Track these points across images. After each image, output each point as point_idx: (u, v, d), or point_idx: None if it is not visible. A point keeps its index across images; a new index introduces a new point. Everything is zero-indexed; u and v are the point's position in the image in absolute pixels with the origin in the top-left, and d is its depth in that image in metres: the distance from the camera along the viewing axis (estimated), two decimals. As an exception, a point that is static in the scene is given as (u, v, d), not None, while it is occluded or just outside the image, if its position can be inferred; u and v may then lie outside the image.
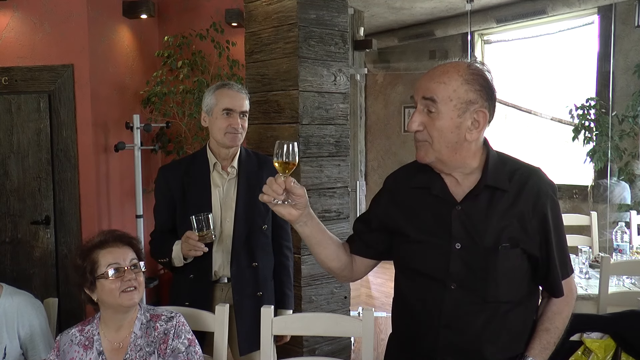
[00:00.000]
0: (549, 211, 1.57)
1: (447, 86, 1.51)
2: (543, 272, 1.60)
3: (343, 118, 3.31)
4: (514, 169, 1.60)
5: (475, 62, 1.57)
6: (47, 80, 4.33)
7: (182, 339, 1.92)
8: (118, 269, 1.87)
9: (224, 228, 2.43)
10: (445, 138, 1.53)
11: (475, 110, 1.52)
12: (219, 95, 2.41)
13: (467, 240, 1.56)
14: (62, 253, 4.32)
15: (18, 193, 4.35)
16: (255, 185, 2.44)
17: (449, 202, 1.59)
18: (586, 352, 2.09)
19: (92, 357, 1.89)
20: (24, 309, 2.21)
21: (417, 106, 1.56)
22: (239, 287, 2.40)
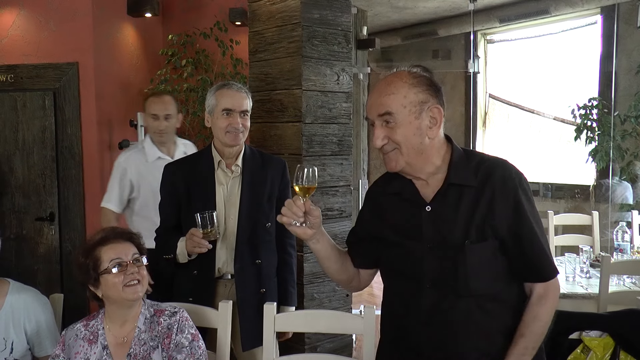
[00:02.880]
0: (517, 193, 1.59)
1: (396, 96, 1.58)
2: (520, 255, 1.59)
3: (346, 117, 3.33)
4: (479, 164, 1.64)
5: (412, 67, 1.63)
6: (52, 78, 4.36)
7: (186, 333, 1.95)
8: (120, 263, 1.90)
9: (228, 225, 2.46)
10: (410, 142, 1.59)
11: (429, 108, 1.59)
12: (219, 95, 2.45)
13: (438, 240, 1.61)
14: (67, 249, 4.35)
15: (23, 190, 4.39)
16: (259, 183, 2.48)
17: (419, 204, 1.65)
18: (585, 350, 2.11)
19: (97, 351, 1.92)
20: (30, 305, 2.24)
21: (375, 123, 1.62)
22: (243, 284, 2.43)
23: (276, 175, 2.56)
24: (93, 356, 1.91)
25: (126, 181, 3.25)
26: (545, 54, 6.96)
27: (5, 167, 4.41)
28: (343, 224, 3.35)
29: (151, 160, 3.24)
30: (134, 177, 3.25)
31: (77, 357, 1.92)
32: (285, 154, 3.22)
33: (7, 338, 2.17)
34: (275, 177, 2.55)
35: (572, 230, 4.85)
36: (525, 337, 1.59)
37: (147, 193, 3.20)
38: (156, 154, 3.26)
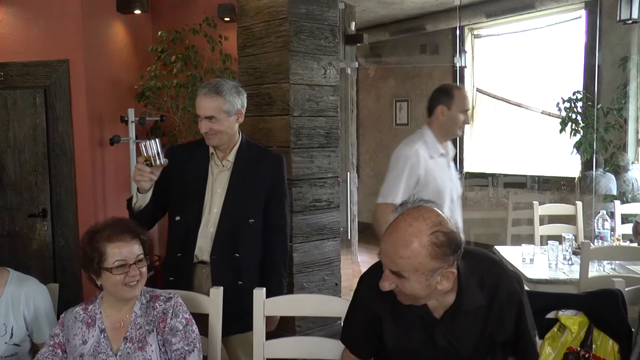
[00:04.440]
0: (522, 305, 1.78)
1: (411, 261, 1.59)
2: (517, 346, 1.83)
3: (333, 110, 3.41)
4: (483, 278, 1.75)
5: (437, 224, 1.61)
6: (43, 76, 4.40)
7: (180, 318, 2.01)
8: (124, 264, 1.94)
9: (211, 216, 2.52)
10: (417, 293, 1.66)
11: (442, 271, 1.63)
12: (196, 100, 2.53)
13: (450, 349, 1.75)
14: (59, 245, 4.40)
15: (15, 187, 4.42)
16: (248, 178, 2.53)
17: (431, 320, 1.75)
18: (561, 328, 2.20)
19: (95, 334, 1.98)
20: (29, 293, 2.30)
21: (386, 271, 1.65)
22: (217, 275, 2.49)
23: (270, 171, 2.60)
24: (91, 339, 1.98)
25: (414, 175, 3.01)
26: (531, 48, 7.05)
27: (-4, 165, 4.46)
28: (331, 215, 3.43)
29: (436, 156, 3.08)
30: (422, 172, 3.01)
31: (75, 339, 1.98)
32: (274, 146, 3.30)
33: (7, 324, 2.23)
34: (268, 173, 2.59)
35: (557, 221, 4.96)
36: None
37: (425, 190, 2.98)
38: (439, 149, 3.10)
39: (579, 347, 2.17)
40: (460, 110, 3.06)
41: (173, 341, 1.97)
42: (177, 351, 1.97)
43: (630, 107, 5.87)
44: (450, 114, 3.06)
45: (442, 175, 3.05)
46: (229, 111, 2.50)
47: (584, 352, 2.15)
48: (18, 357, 2.27)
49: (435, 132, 3.11)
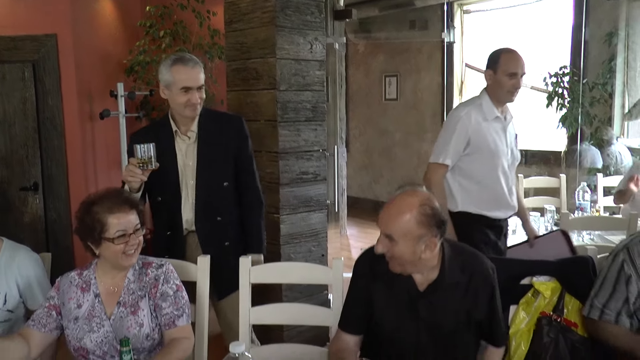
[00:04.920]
0: (494, 286, 2.01)
1: (401, 226, 1.85)
2: (489, 329, 2.03)
3: (319, 84, 3.46)
4: (465, 260, 2.00)
5: (426, 200, 1.87)
6: (31, 50, 4.41)
7: (171, 284, 2.09)
8: (124, 234, 2.00)
9: (188, 189, 2.62)
10: (405, 258, 1.88)
11: (426, 240, 1.86)
12: (176, 72, 2.52)
13: (432, 323, 1.95)
14: (51, 218, 4.47)
15: (5, 160, 4.47)
16: (214, 144, 2.62)
17: (416, 293, 1.95)
18: (535, 294, 2.30)
19: (89, 298, 2.06)
20: (21, 261, 2.36)
21: (381, 235, 1.90)
22: (205, 240, 2.61)
23: (233, 134, 2.68)
24: (86, 303, 2.05)
25: (464, 136, 3.02)
26: (520, 24, 7.08)
27: (-14, 139, 4.49)
28: (317, 187, 3.50)
29: (490, 119, 3.06)
30: (472, 134, 3.02)
31: (70, 302, 2.05)
32: (261, 120, 3.35)
33: (0, 291, 2.31)
34: (232, 135, 2.68)
35: (543, 193, 5.07)
36: None
37: (479, 153, 3.04)
38: (495, 113, 3.06)
39: (552, 311, 2.26)
40: (506, 74, 3.00)
41: (163, 306, 2.05)
42: (166, 315, 2.05)
43: (617, 82, 5.94)
44: (496, 77, 3.02)
45: (496, 138, 3.05)
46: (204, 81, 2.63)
47: (555, 316, 2.24)
48: (12, 323, 2.35)
49: (491, 96, 3.08)
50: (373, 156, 8.70)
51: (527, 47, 6.93)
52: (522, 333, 2.28)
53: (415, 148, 8.07)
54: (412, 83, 8.07)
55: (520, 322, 2.29)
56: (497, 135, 3.06)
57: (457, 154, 3.03)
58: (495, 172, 3.05)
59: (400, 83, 8.22)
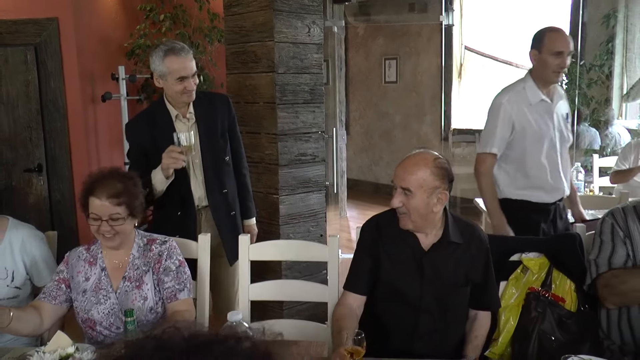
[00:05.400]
0: (488, 250, 2.19)
1: (418, 177, 2.01)
2: (484, 291, 2.20)
3: (317, 67, 3.52)
4: (464, 226, 2.18)
5: (439, 156, 2.07)
6: (33, 33, 4.46)
7: (174, 259, 2.18)
8: (96, 219, 2.07)
9: (195, 168, 2.76)
10: (418, 212, 2.03)
11: (439, 192, 2.03)
12: (169, 63, 2.59)
13: (434, 281, 2.09)
14: (56, 199, 4.55)
15: (10, 142, 4.53)
16: (211, 122, 2.78)
17: (420, 251, 2.11)
18: (524, 270, 2.38)
19: (96, 272, 2.15)
20: (27, 239, 2.44)
21: (397, 188, 2.04)
22: (217, 211, 2.80)
23: (224, 111, 2.84)
24: (93, 276, 2.14)
25: (508, 122, 3.00)
26: (518, 6, 7.09)
27: (-10, 121, 4.56)
28: (316, 168, 3.58)
29: (534, 103, 3.01)
30: (515, 119, 3.00)
31: (78, 275, 2.15)
32: (260, 102, 3.42)
33: (7, 268, 2.39)
34: (223, 113, 2.84)
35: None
36: (478, 339, 2.19)
37: (523, 138, 3.01)
38: (539, 96, 3.01)
39: (540, 287, 2.35)
40: (551, 53, 2.92)
41: (165, 280, 2.14)
42: (168, 289, 2.14)
43: (615, 64, 5.98)
44: (541, 57, 2.95)
45: (541, 122, 3.01)
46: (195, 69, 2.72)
47: (543, 291, 2.32)
48: (19, 300, 2.43)
49: (535, 78, 3.02)
50: (373, 139, 8.75)
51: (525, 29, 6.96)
52: (511, 308, 2.35)
53: (415, 130, 8.13)
54: (412, 66, 8.10)
55: (510, 297, 2.37)
56: (541, 119, 3.02)
57: (504, 141, 3.02)
58: (539, 157, 3.03)
59: (399, 66, 8.26)
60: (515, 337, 2.33)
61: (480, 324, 2.22)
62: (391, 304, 2.14)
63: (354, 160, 8.65)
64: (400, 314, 2.13)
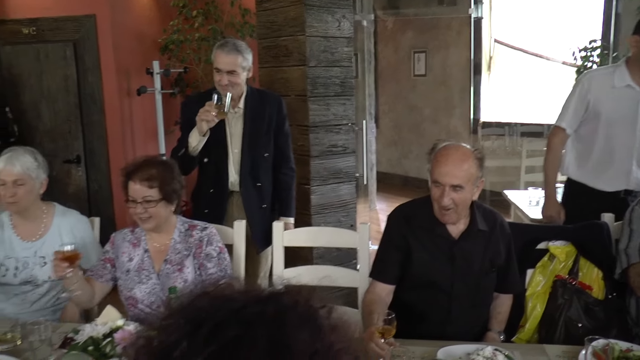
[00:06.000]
0: (510, 236, 2.27)
1: (467, 173, 2.07)
2: (506, 274, 2.25)
3: (347, 60, 3.59)
4: (486, 213, 2.24)
5: (474, 148, 2.15)
6: (72, 30, 4.62)
7: (214, 246, 2.29)
8: (132, 201, 2.19)
9: (233, 156, 2.93)
10: (465, 204, 2.12)
11: (478, 182, 2.13)
12: (215, 54, 2.85)
13: (464, 268, 2.16)
14: (94, 189, 4.71)
15: (50, 134, 4.71)
16: (258, 119, 2.93)
17: (451, 241, 2.17)
18: (551, 258, 2.42)
19: (140, 253, 2.27)
20: (74, 224, 2.58)
21: (445, 188, 2.07)
22: (248, 202, 2.95)
23: (274, 112, 2.98)
24: (136, 257, 2.27)
25: (583, 101, 2.96)
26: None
27: (32, 114, 4.73)
28: (346, 160, 3.65)
29: (618, 86, 2.92)
30: (592, 99, 2.95)
31: (123, 256, 2.27)
32: (291, 95, 3.50)
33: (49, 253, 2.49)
34: (272, 112, 2.97)
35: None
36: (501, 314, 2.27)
37: (596, 119, 2.97)
38: (626, 81, 2.91)
39: (567, 274, 2.39)
40: None
41: (208, 266, 2.25)
42: (211, 275, 2.25)
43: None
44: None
45: (620, 107, 2.92)
46: (245, 67, 2.86)
47: (570, 279, 2.36)
48: None
49: (630, 64, 2.91)
50: (402, 132, 8.78)
51: (556, 21, 6.92)
52: (538, 295, 2.40)
53: (444, 124, 8.14)
54: (441, 59, 8.10)
55: (537, 285, 2.41)
56: (622, 105, 2.93)
57: (576, 119, 2.99)
58: (610, 142, 2.98)
59: (428, 59, 8.26)
60: (542, 323, 2.38)
61: (502, 302, 2.30)
62: (423, 292, 2.20)
63: (383, 153, 8.68)
64: (433, 302, 2.19)
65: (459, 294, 2.17)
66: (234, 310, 0.64)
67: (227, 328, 0.61)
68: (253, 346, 0.60)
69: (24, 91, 4.75)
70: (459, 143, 2.15)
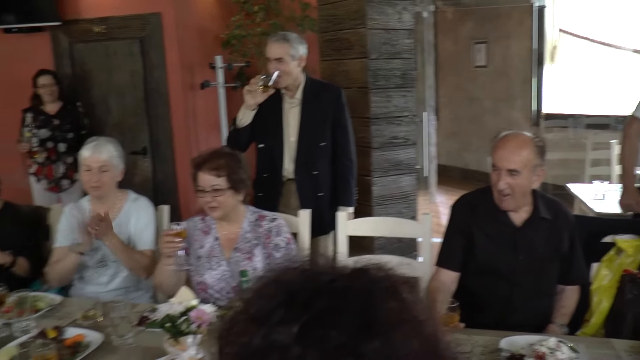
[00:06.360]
0: (574, 225, 2.27)
1: (523, 158, 2.10)
2: (570, 264, 2.25)
3: (408, 52, 3.59)
4: (549, 202, 2.26)
5: (535, 136, 2.17)
6: (138, 28, 4.79)
7: (282, 237, 2.37)
8: (201, 191, 2.29)
9: (290, 143, 3.03)
10: (522, 190, 2.13)
11: (538, 169, 2.14)
12: (267, 45, 3.00)
13: (526, 255, 2.18)
14: (159, 179, 4.90)
15: (118, 127, 4.91)
16: (315, 109, 3.02)
17: (514, 228, 2.20)
18: (618, 252, 2.37)
19: (210, 241, 2.37)
20: (141, 210, 2.72)
21: (502, 172, 2.11)
22: (302, 190, 3.04)
23: (331, 102, 3.04)
24: (207, 244, 2.36)
25: None
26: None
27: (102, 108, 4.95)
28: (407, 151, 3.67)
29: None
30: None
31: (194, 243, 2.37)
32: (353, 87, 3.54)
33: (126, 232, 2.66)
34: (330, 103, 3.04)
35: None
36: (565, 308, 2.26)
37: None
38: None
39: (637, 269, 2.33)
40: None
41: (277, 256, 2.33)
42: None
43: None
44: None
45: None
46: (294, 55, 2.94)
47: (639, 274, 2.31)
48: None
49: None
50: (462, 124, 8.67)
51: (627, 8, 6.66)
52: (604, 289, 2.36)
53: (505, 115, 7.98)
54: (502, 49, 7.95)
55: (602, 279, 2.37)
56: None
57: None
58: None
59: (489, 50, 8.12)
60: (608, 318, 2.34)
61: (567, 296, 2.29)
62: (486, 279, 2.23)
63: (443, 146, 8.58)
64: (495, 289, 2.21)
65: (522, 282, 2.18)
66: (325, 282, 0.68)
67: (319, 298, 0.66)
68: (344, 316, 0.64)
69: (94, 86, 4.97)
70: (523, 132, 2.17)
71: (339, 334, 0.63)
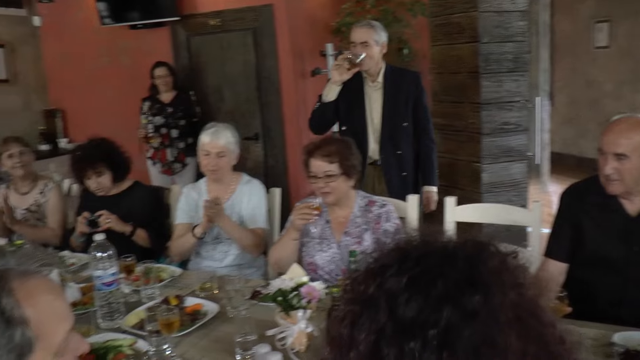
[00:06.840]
0: None
1: (633, 141, 1.95)
2: None
3: (521, 35, 3.48)
4: None
5: None
6: (251, 19, 4.97)
7: (391, 222, 2.41)
8: (314, 177, 2.37)
9: (374, 125, 3.22)
10: (632, 176, 1.98)
11: None
12: (351, 32, 3.23)
13: None
14: (270, 163, 5.09)
15: (231, 114, 5.13)
16: (396, 92, 3.19)
17: (628, 219, 2.07)
18: None
19: (321, 223, 2.46)
20: (253, 191, 2.87)
21: (608, 156, 1.98)
22: (387, 169, 3.22)
23: (412, 86, 3.20)
24: (318, 226, 2.45)
25: None
26: None
27: (216, 97, 5.21)
28: (519, 138, 3.56)
29: None
30: None
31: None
32: (463, 72, 3.48)
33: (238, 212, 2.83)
34: (410, 86, 3.20)
35: None
36: None
37: None
38: None
39: None
40: None
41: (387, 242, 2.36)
42: None
43: None
44: None
45: None
46: (377, 41, 3.16)
47: None
48: None
49: None
50: (579, 109, 8.23)
51: None
52: None
53: (629, 100, 7.48)
54: (628, 28, 7.44)
55: None
56: None
57: None
58: None
59: (612, 29, 7.63)
60: None
61: None
62: (596, 271, 2.13)
63: (557, 132, 8.21)
64: (607, 281, 2.11)
65: (636, 275, 2.06)
66: (437, 246, 0.78)
67: (430, 257, 0.75)
68: (450, 272, 0.72)
69: (207, 76, 5.25)
70: (636, 115, 2.04)
71: (443, 285, 0.70)
